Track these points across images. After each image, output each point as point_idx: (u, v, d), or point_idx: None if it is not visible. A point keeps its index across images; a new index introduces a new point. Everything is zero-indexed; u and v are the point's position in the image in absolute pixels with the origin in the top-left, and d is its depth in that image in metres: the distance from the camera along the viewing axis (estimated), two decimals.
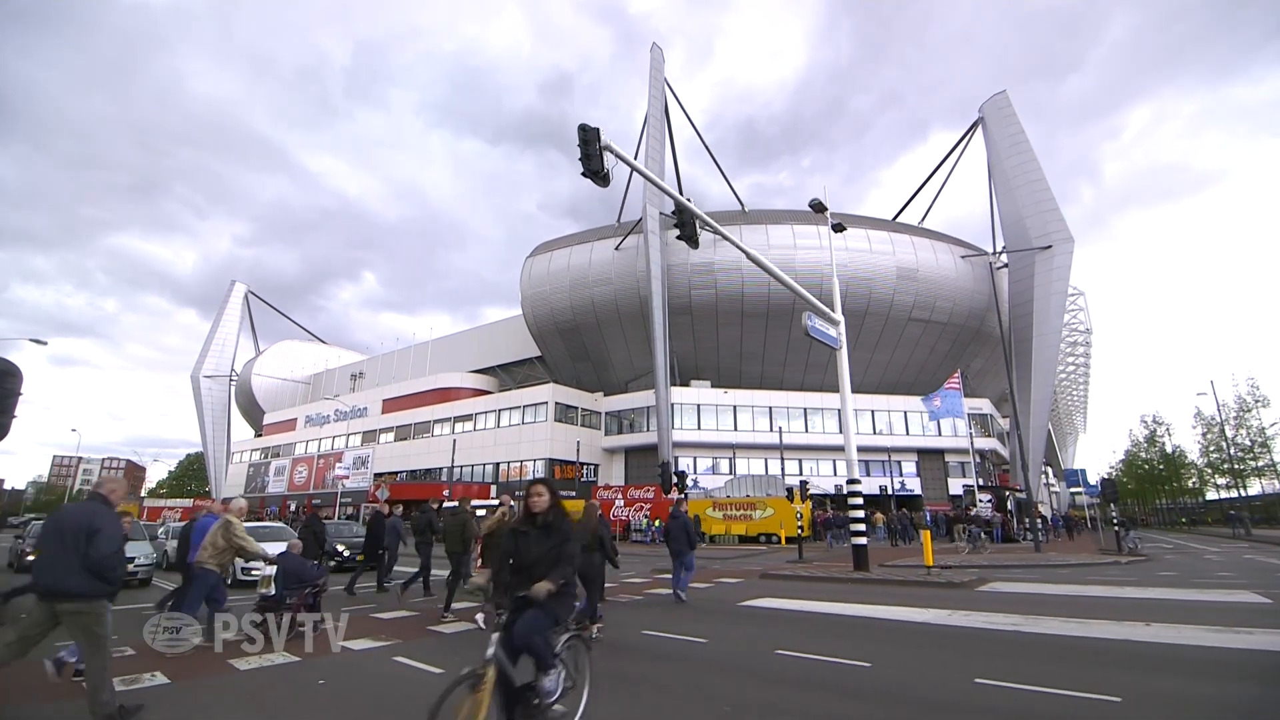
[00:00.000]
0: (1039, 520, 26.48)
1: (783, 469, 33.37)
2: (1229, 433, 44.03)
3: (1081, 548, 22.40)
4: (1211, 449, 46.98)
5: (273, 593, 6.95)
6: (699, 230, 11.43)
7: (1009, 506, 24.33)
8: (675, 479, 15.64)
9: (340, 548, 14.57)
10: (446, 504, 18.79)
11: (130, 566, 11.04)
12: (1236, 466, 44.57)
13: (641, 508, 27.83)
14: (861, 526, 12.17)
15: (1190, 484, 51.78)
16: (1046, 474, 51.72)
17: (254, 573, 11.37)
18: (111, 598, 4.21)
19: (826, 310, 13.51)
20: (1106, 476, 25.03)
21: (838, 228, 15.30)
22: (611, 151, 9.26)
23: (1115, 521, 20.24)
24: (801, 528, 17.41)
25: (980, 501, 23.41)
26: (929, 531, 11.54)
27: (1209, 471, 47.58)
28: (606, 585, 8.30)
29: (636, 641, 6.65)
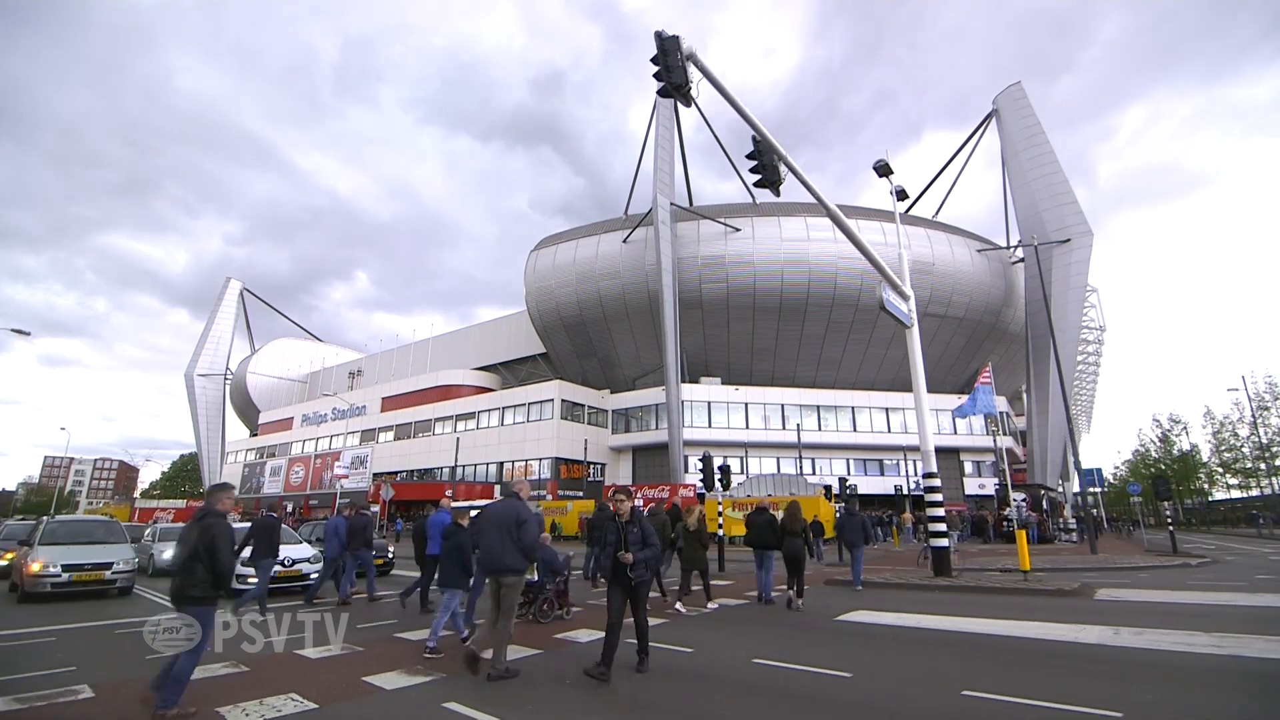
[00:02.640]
0: (1074, 520, 25.40)
1: (799, 468, 32.25)
2: (1243, 432, 43.36)
3: (1120, 548, 21.28)
4: (1223, 449, 46.28)
5: (535, 579, 7.73)
6: (779, 192, 9.93)
7: (1044, 506, 23.16)
8: (719, 475, 14.32)
9: None
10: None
11: (107, 574, 9.73)
12: (1253, 465, 43.83)
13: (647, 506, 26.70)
14: (943, 526, 10.95)
15: (1200, 484, 50.91)
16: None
17: (249, 581, 10.15)
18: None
19: (899, 283, 12.39)
20: (1159, 475, 23.90)
21: (901, 195, 14.10)
22: (695, 64, 7.71)
23: (1169, 521, 19.11)
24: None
25: (1014, 501, 22.24)
26: (1024, 532, 10.25)
27: (1220, 471, 46.82)
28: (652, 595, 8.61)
29: (754, 675, 5.22)
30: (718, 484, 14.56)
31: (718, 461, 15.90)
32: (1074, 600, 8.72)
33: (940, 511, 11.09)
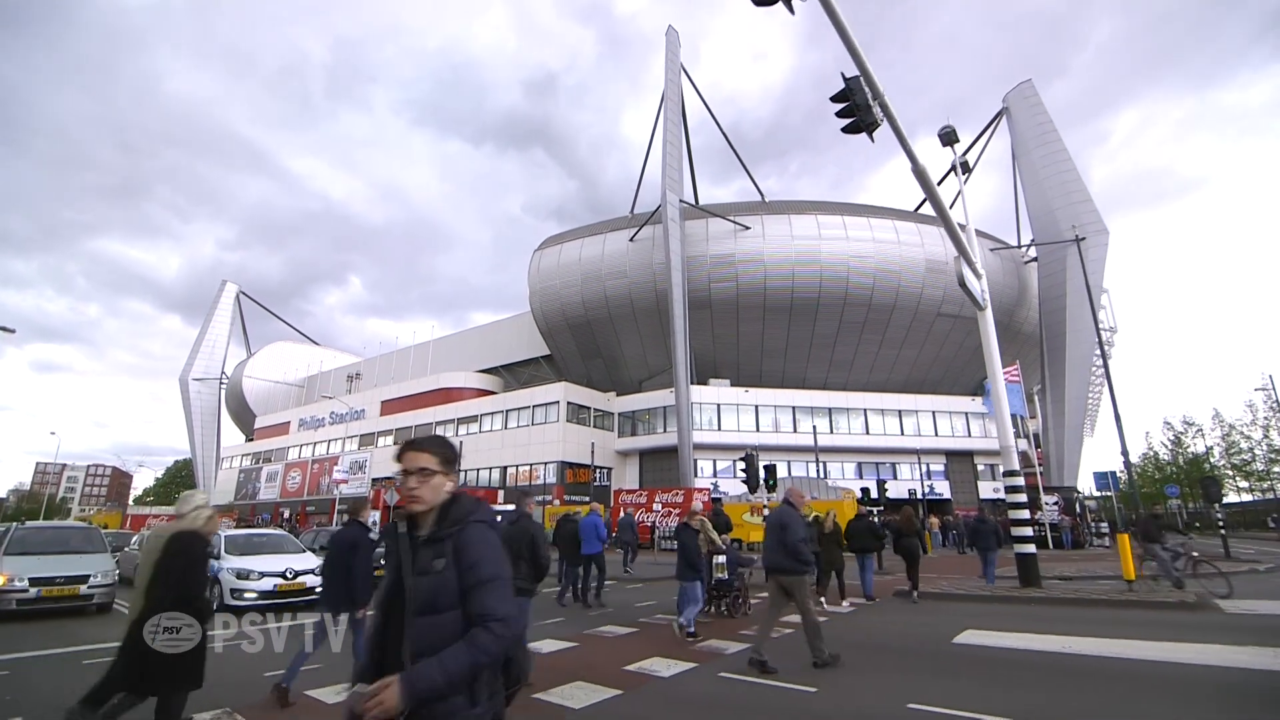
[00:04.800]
0: (1104, 524, 24.42)
1: (818, 471, 31.27)
2: (1256, 434, 42.74)
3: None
4: (1233, 452, 45.64)
5: (726, 577, 8.39)
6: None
7: (1077, 510, 22.19)
8: (764, 475, 13.21)
9: None
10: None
11: (83, 588, 8.63)
12: (1265, 468, 43.21)
13: (669, 513, 25.73)
14: (1028, 531, 9.92)
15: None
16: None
17: (246, 596, 9.12)
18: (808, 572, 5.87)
19: (973, 259, 11.52)
20: (1209, 476, 22.87)
21: (964, 166, 13.14)
22: None
23: (1220, 525, 18.19)
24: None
25: (1046, 505, 21.27)
26: (1126, 537, 9.19)
27: (1230, 474, 46.10)
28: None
29: None
30: (762, 486, 13.48)
31: (723, 466, 14.88)
32: (1207, 615, 7.65)
33: (1025, 514, 10.05)
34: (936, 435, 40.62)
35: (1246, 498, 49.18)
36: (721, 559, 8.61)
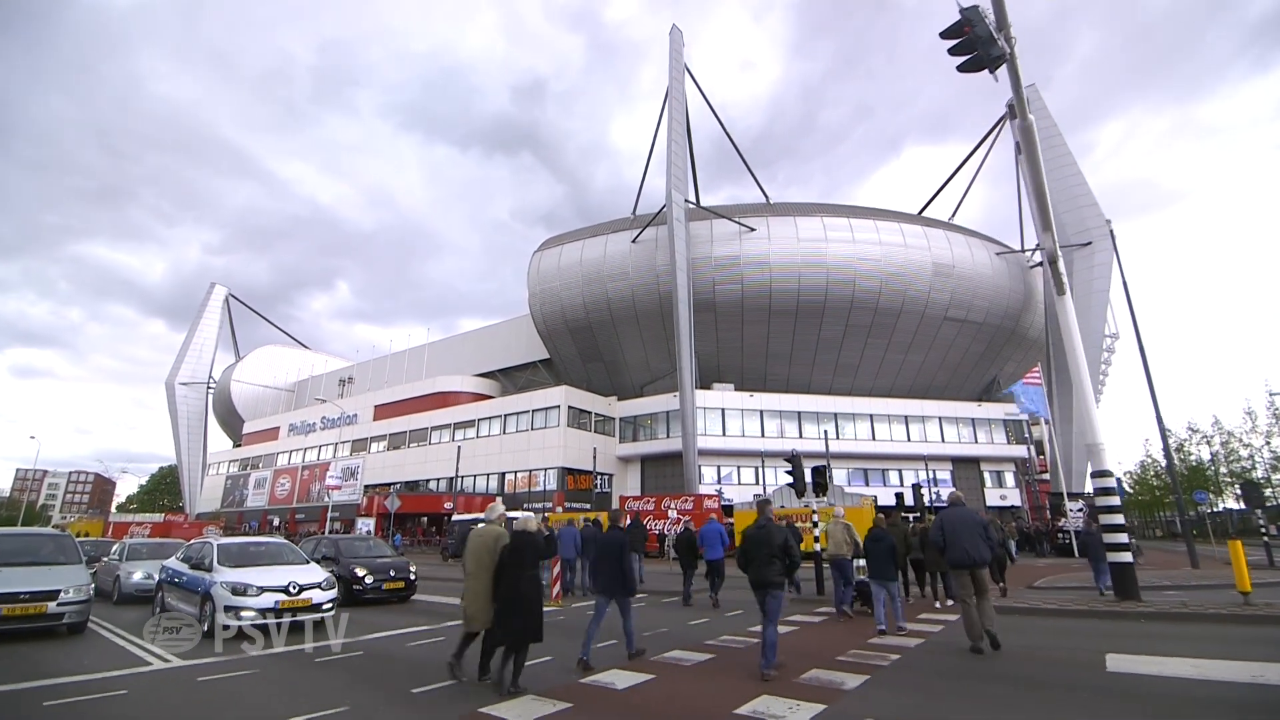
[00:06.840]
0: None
1: (829, 476, 30.39)
2: (1257, 441, 42.52)
3: (1179, 562, 19.58)
4: (1231, 459, 45.39)
5: (865, 578, 8.67)
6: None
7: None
8: (814, 479, 12.16)
9: (360, 572, 10.93)
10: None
11: (51, 605, 7.53)
12: (1265, 476, 43.01)
13: (678, 521, 24.78)
14: (1124, 538, 8.98)
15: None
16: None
17: (243, 614, 8.05)
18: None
19: (1056, 239, 10.85)
20: (1250, 481, 22.25)
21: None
22: None
23: (1262, 531, 17.53)
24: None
25: (1070, 511, 20.55)
26: (1239, 543, 8.22)
27: (1230, 481, 45.86)
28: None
29: None
30: (810, 490, 12.50)
31: (726, 473, 13.91)
32: None
33: (1119, 519, 9.14)
34: (943, 441, 40.01)
35: (1244, 504, 48.98)
36: (861, 561, 8.91)
